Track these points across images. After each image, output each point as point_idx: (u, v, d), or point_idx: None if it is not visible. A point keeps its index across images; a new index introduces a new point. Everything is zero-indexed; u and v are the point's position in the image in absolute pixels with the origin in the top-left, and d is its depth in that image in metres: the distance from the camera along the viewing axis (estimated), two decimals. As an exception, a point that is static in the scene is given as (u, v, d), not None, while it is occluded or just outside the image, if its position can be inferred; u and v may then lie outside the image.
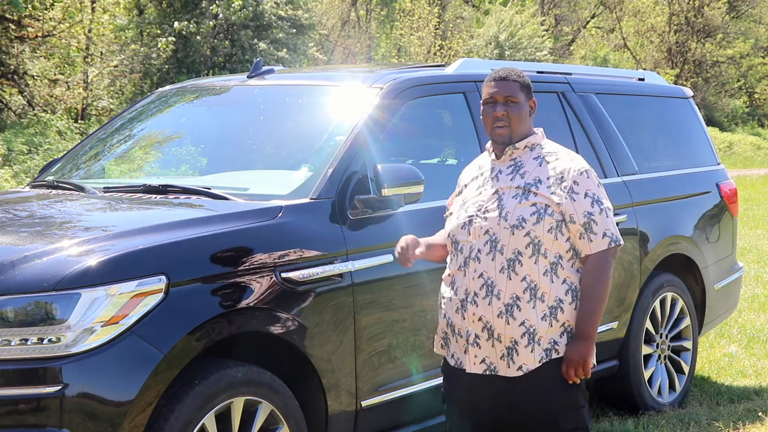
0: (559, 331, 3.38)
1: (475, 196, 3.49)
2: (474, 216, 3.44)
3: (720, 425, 5.47)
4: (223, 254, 3.73)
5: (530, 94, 3.52)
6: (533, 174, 3.42)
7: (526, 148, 3.49)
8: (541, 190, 3.38)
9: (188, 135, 5.34)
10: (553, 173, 3.41)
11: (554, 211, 3.37)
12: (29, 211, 4.42)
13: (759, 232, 14.24)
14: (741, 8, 46.04)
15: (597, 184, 3.45)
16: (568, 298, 3.39)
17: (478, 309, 3.39)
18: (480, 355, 3.42)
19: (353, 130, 4.37)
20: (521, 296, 3.34)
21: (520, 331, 3.35)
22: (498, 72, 3.52)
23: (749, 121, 45.51)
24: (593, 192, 3.41)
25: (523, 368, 3.37)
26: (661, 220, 5.88)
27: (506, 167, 3.48)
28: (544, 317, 3.35)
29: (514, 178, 3.44)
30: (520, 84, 3.48)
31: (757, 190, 21.87)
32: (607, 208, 3.43)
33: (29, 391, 3.25)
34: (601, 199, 3.42)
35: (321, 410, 4.00)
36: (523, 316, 3.34)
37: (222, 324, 3.62)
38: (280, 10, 21.28)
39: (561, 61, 37.88)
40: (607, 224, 3.41)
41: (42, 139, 14.48)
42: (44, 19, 16.96)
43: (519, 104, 3.46)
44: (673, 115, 6.58)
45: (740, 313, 8.38)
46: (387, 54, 35.88)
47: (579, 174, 3.41)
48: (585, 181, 3.41)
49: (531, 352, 3.35)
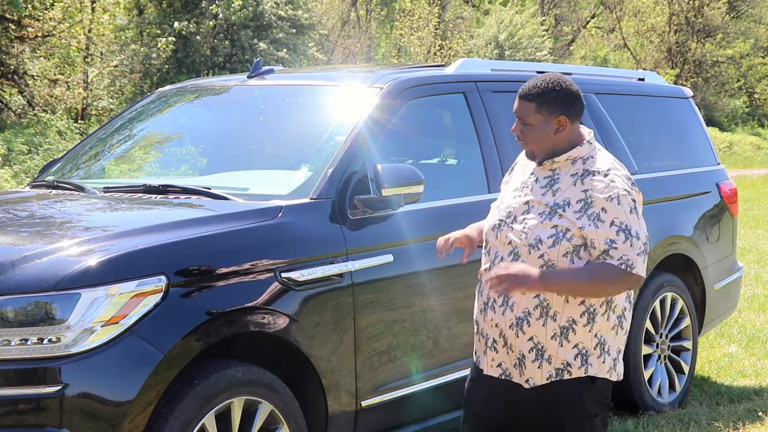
0: (573, 353, 3.29)
1: (510, 200, 3.42)
2: (503, 222, 3.38)
3: (720, 425, 5.47)
4: (223, 254, 3.73)
5: (556, 109, 3.29)
6: (565, 194, 3.28)
7: (567, 161, 3.34)
8: (567, 213, 3.24)
9: (188, 135, 5.35)
10: (584, 196, 3.25)
11: (574, 235, 3.23)
12: (29, 211, 4.42)
13: (759, 232, 14.24)
14: (741, 8, 46.03)
15: (629, 210, 3.22)
16: (583, 320, 3.28)
17: (495, 315, 3.36)
18: (497, 359, 3.41)
19: (353, 130, 4.37)
20: (532, 312, 3.28)
21: (529, 345, 3.31)
22: (524, 86, 3.35)
23: (749, 121, 45.52)
24: (621, 220, 3.20)
25: (530, 382, 3.34)
26: (661, 220, 5.87)
27: (543, 178, 3.36)
28: (554, 336, 3.28)
29: (546, 194, 3.32)
30: (536, 105, 3.30)
31: (757, 190, 21.86)
32: (635, 238, 3.19)
33: (29, 391, 3.25)
34: (629, 228, 3.20)
35: (321, 410, 4.00)
36: (532, 331, 3.29)
37: (222, 324, 3.62)
38: (280, 10, 21.28)
39: (561, 61, 37.89)
40: (628, 254, 3.19)
41: (42, 139, 14.48)
42: (44, 19, 16.97)
43: (533, 126, 3.32)
44: (673, 115, 6.57)
45: (740, 313, 8.38)
46: (387, 54, 35.88)
47: (609, 201, 3.21)
48: (615, 208, 3.20)
49: (538, 368, 3.31)
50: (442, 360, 4.51)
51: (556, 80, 3.33)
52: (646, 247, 3.24)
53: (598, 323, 3.30)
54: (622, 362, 3.42)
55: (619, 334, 3.37)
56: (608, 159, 3.37)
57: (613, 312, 3.33)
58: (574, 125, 3.36)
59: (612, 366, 3.36)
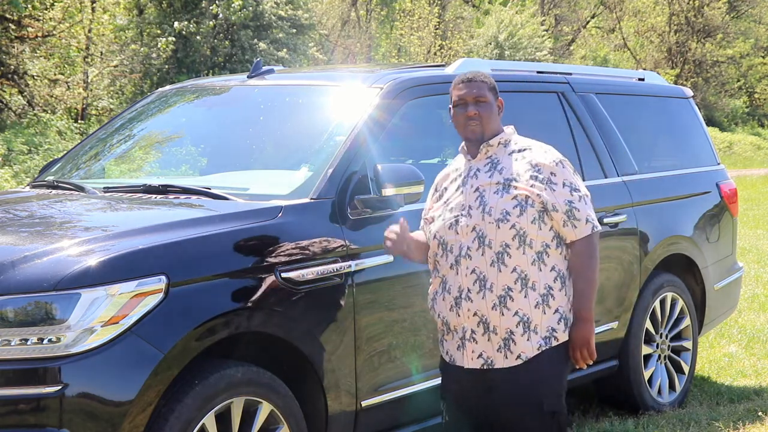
0: (555, 318, 3.50)
1: (457, 197, 3.61)
2: (459, 215, 3.56)
3: (720, 425, 5.47)
4: (223, 254, 3.73)
5: (497, 94, 3.67)
6: (510, 169, 3.55)
7: (500, 145, 3.63)
8: (520, 184, 3.51)
9: (188, 135, 5.34)
10: (529, 166, 3.54)
11: (535, 201, 3.49)
12: (29, 211, 4.42)
13: (759, 232, 14.24)
14: (741, 8, 46.04)
15: (572, 172, 3.59)
16: (558, 285, 3.51)
17: (472, 304, 3.50)
18: (477, 350, 3.51)
19: (353, 130, 4.37)
20: (513, 287, 3.46)
21: (515, 321, 3.46)
22: (464, 75, 3.67)
23: (749, 121, 45.52)
24: (570, 181, 3.55)
25: (522, 356, 3.48)
26: (661, 220, 5.88)
27: (483, 165, 3.61)
28: (537, 305, 3.47)
29: (492, 175, 3.56)
30: (487, 84, 3.63)
31: (757, 190, 21.87)
32: (585, 195, 3.57)
33: (29, 391, 3.24)
34: (578, 187, 3.56)
35: (321, 410, 4.00)
36: (516, 306, 3.46)
37: (222, 324, 3.62)
38: (280, 10, 21.28)
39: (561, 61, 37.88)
40: (588, 210, 3.55)
41: (42, 139, 14.48)
42: (44, 19, 16.97)
43: (488, 103, 3.62)
44: (673, 115, 6.57)
45: (740, 313, 8.38)
46: (387, 54, 35.87)
47: (555, 165, 3.55)
48: (561, 171, 3.55)
49: (528, 340, 3.47)
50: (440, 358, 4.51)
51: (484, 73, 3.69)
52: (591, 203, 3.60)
53: (568, 286, 3.54)
54: None
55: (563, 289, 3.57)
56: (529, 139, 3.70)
57: (569, 277, 3.58)
58: None
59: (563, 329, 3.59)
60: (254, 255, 3.80)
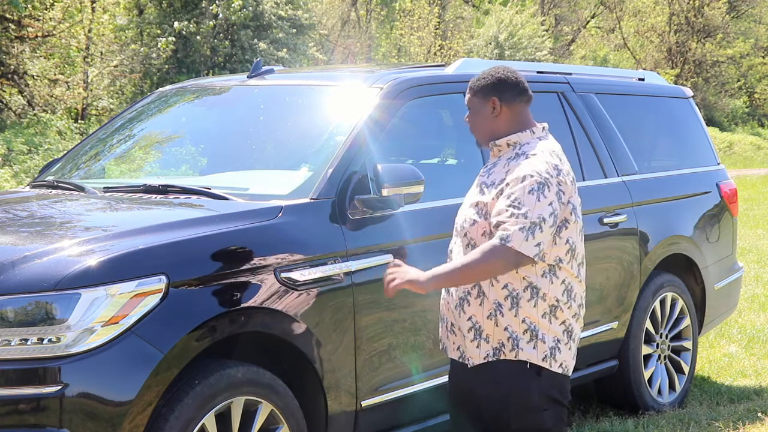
0: (506, 335, 3.36)
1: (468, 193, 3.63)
2: None
3: (720, 425, 5.47)
4: (223, 254, 3.73)
5: (487, 94, 3.48)
6: (495, 175, 3.44)
7: (509, 146, 3.50)
8: (489, 191, 3.40)
9: (188, 135, 5.34)
10: (504, 175, 3.37)
11: (489, 213, 3.36)
12: (29, 211, 4.42)
13: (759, 232, 14.24)
14: (741, 8, 46.01)
15: (528, 190, 3.25)
16: (507, 304, 3.35)
17: (449, 297, 3.54)
18: (456, 342, 3.54)
19: (353, 130, 4.37)
20: (471, 291, 3.44)
21: (468, 325, 3.45)
22: None
23: (749, 121, 45.51)
24: (516, 197, 3.25)
25: (469, 361, 3.45)
26: (661, 220, 5.88)
27: (491, 164, 3.56)
28: (489, 316, 3.39)
29: (485, 177, 3.52)
30: (473, 90, 3.53)
31: (757, 190, 21.87)
32: (522, 215, 3.21)
33: (29, 391, 3.24)
34: (520, 205, 3.23)
35: (321, 410, 4.00)
36: (470, 311, 3.44)
37: (222, 324, 3.62)
38: (280, 10, 21.29)
39: (561, 61, 37.88)
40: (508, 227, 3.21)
41: (42, 139, 14.49)
42: (44, 19, 16.97)
43: (472, 110, 3.55)
44: (673, 115, 6.58)
45: (740, 313, 8.38)
46: (387, 54, 35.86)
47: (516, 179, 3.29)
48: (516, 186, 3.28)
49: (477, 347, 3.42)
50: (441, 360, 4.50)
51: (491, 69, 3.56)
52: (534, 227, 3.21)
53: (523, 308, 3.34)
54: (567, 353, 3.42)
55: (554, 323, 3.38)
56: (545, 147, 3.43)
57: (542, 300, 3.36)
58: (512, 110, 3.50)
59: (548, 354, 3.37)
60: (254, 255, 3.80)
